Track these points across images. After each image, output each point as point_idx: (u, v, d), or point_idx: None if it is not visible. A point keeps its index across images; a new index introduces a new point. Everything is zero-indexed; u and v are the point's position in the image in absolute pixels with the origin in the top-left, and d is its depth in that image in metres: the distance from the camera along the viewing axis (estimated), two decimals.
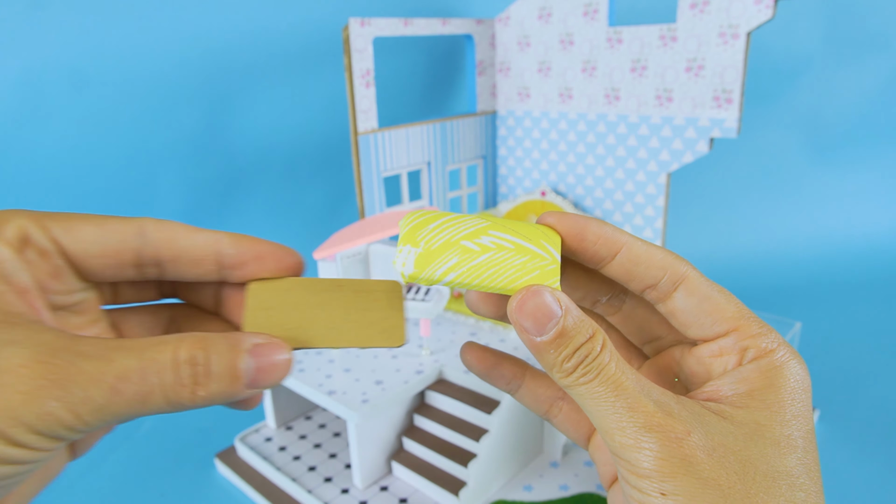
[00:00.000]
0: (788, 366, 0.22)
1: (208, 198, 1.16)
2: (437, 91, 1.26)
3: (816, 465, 0.21)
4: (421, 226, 0.23)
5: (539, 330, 0.21)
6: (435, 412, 0.75)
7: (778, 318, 0.85)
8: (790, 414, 0.21)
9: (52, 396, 0.17)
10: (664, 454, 0.19)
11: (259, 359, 0.21)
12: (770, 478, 0.20)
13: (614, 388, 0.20)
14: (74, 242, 0.21)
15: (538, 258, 0.23)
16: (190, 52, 1.06)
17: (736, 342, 0.23)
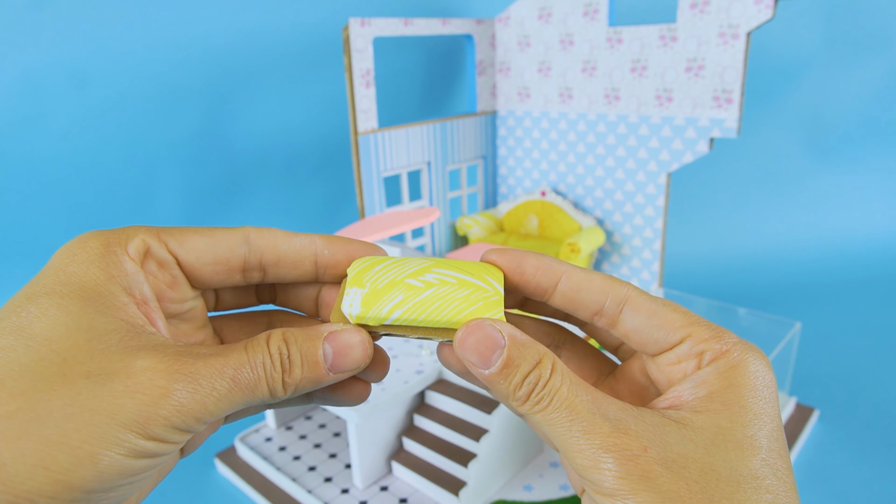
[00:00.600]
0: (746, 362, 0.22)
1: (208, 198, 1.16)
2: (437, 91, 1.26)
3: (785, 462, 0.21)
4: (367, 269, 0.24)
5: (485, 363, 0.22)
6: (435, 412, 0.75)
7: (778, 318, 0.86)
8: (752, 413, 0.21)
9: (185, 391, 0.19)
10: (623, 472, 0.20)
11: (335, 344, 0.23)
12: (733, 483, 0.20)
13: (568, 412, 0.21)
14: (188, 253, 0.24)
15: (481, 290, 0.23)
16: (190, 53, 1.06)
17: (691, 348, 0.23)
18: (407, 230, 0.87)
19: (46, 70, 1.01)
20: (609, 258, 0.99)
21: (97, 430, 0.18)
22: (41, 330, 0.20)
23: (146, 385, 0.19)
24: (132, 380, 0.19)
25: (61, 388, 0.19)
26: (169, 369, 0.20)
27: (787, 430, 0.80)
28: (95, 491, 0.19)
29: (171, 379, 0.19)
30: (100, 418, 0.18)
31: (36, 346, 0.19)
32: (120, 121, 1.06)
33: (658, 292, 0.95)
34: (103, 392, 0.19)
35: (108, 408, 0.19)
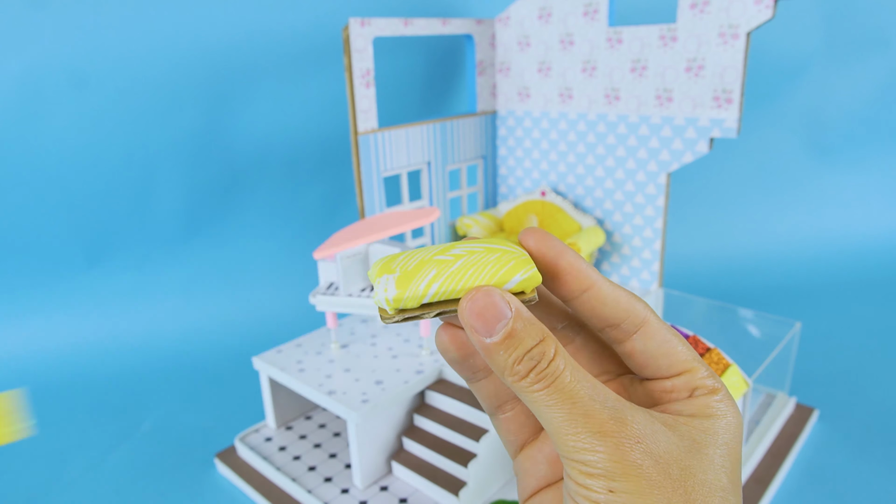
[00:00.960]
0: (728, 405, 0.24)
1: (208, 198, 1.16)
2: (437, 91, 1.26)
3: (739, 487, 0.23)
4: (391, 259, 0.24)
5: (488, 331, 0.22)
6: (435, 412, 0.75)
7: (778, 318, 0.86)
8: (722, 440, 0.23)
9: None
10: (616, 457, 0.21)
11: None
12: (707, 488, 0.22)
13: (569, 396, 0.21)
14: None
15: (509, 253, 0.23)
16: (190, 52, 1.06)
17: (687, 382, 0.24)
18: (407, 230, 0.87)
19: (46, 70, 1.01)
20: (609, 258, 0.99)
21: None
22: None
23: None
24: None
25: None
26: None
27: (787, 430, 0.80)
28: None
29: None
30: None
31: None
32: (120, 121, 1.06)
33: (658, 292, 0.95)
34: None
35: None
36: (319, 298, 0.76)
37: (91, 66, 1.02)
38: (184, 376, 1.03)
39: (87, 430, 0.90)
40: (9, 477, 0.81)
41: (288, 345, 0.84)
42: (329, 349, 0.82)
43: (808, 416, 0.83)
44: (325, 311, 0.78)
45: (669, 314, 0.97)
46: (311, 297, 0.77)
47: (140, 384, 1.02)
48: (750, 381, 0.65)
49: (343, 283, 0.76)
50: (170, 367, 1.06)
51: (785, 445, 0.77)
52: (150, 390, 1.00)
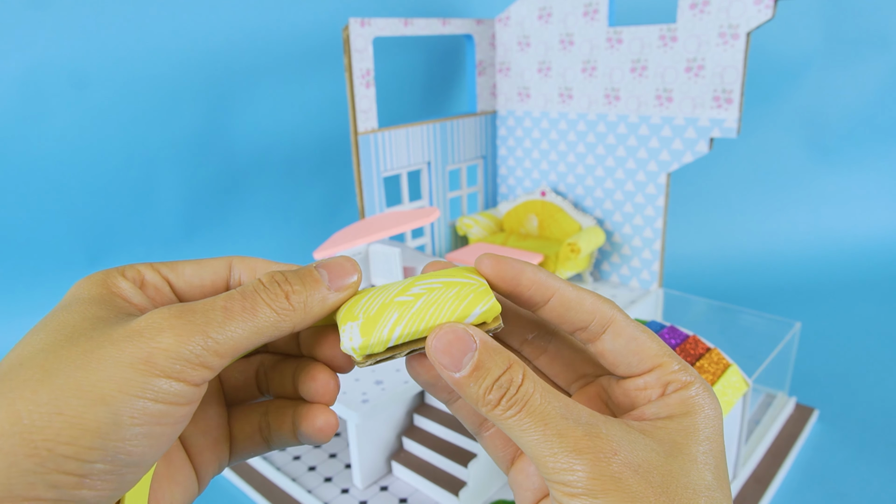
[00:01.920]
0: (703, 397, 0.24)
1: (208, 198, 1.16)
2: (437, 91, 1.26)
3: (728, 483, 0.23)
4: (354, 304, 0.25)
5: (456, 365, 0.22)
6: (435, 412, 0.75)
7: (778, 318, 0.86)
8: (703, 436, 0.23)
9: (182, 324, 0.21)
10: (595, 473, 0.21)
11: (327, 264, 0.25)
12: (691, 490, 0.22)
13: (542, 418, 0.21)
14: (178, 277, 0.26)
15: (467, 286, 0.24)
16: (190, 52, 1.06)
17: (659, 377, 0.25)
18: (407, 230, 0.87)
19: (46, 70, 1.01)
20: (609, 258, 0.99)
21: (105, 373, 0.20)
22: (56, 323, 0.22)
23: (144, 327, 0.21)
24: (131, 326, 0.21)
25: (70, 349, 0.20)
26: (164, 313, 0.21)
27: (787, 430, 0.80)
28: (112, 438, 0.19)
29: (167, 317, 0.21)
30: (106, 363, 0.20)
31: (52, 331, 0.21)
32: (120, 121, 1.06)
33: (658, 292, 0.95)
34: (106, 342, 0.20)
35: (113, 352, 0.20)
36: None
37: (91, 66, 1.02)
38: None
39: None
40: None
41: None
42: None
43: (808, 416, 0.83)
44: None
45: (669, 314, 0.97)
46: None
47: None
48: (750, 381, 0.65)
49: None
50: None
51: (785, 445, 0.77)
52: None
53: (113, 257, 1.15)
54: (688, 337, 0.65)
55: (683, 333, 0.66)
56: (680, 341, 0.64)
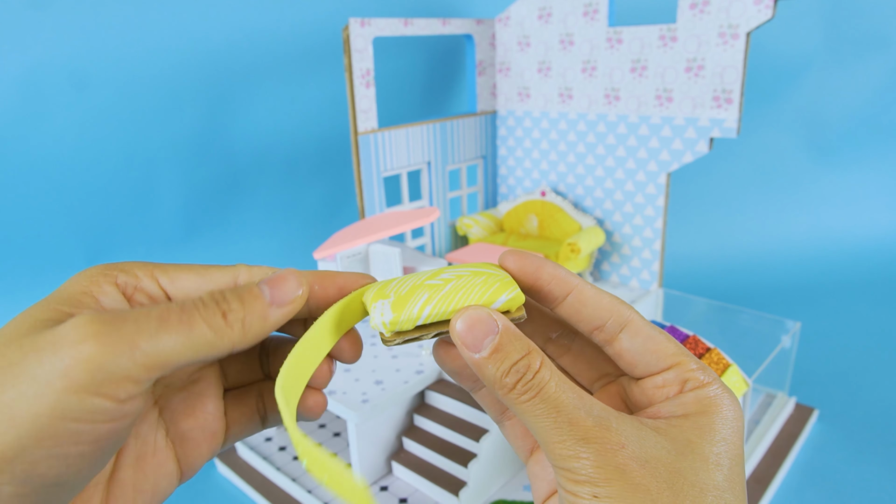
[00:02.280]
0: (722, 397, 0.24)
1: (208, 198, 1.16)
2: (437, 91, 1.26)
3: (742, 485, 0.23)
4: (385, 285, 0.26)
5: (477, 346, 0.23)
6: (435, 412, 0.75)
7: (778, 318, 0.86)
8: (720, 437, 0.23)
9: (106, 334, 0.19)
10: (600, 462, 0.21)
11: (269, 281, 0.24)
12: (698, 488, 0.22)
13: (554, 405, 0.22)
14: (178, 290, 0.25)
15: (494, 276, 0.25)
16: (190, 53, 1.06)
17: (677, 375, 0.25)
18: (407, 230, 0.87)
19: (46, 70, 1.01)
20: (609, 258, 0.99)
21: (17, 390, 0.19)
22: (11, 323, 0.21)
23: (66, 334, 0.19)
24: (55, 333, 0.19)
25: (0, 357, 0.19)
26: (91, 319, 0.20)
27: (787, 430, 0.80)
28: (18, 461, 0.18)
29: (92, 323, 0.19)
30: (22, 378, 0.19)
31: (2, 332, 0.20)
32: (120, 121, 1.06)
33: (658, 292, 0.95)
34: (31, 351, 0.19)
35: (32, 365, 0.19)
36: None
37: (91, 67, 1.02)
38: None
39: None
40: None
41: None
42: None
43: (808, 416, 0.83)
44: None
45: (669, 314, 0.97)
46: None
47: None
48: (750, 381, 0.65)
49: None
50: None
51: (785, 445, 0.77)
52: None
53: (113, 257, 1.15)
54: (688, 337, 0.65)
55: (683, 333, 0.66)
56: (680, 341, 0.64)
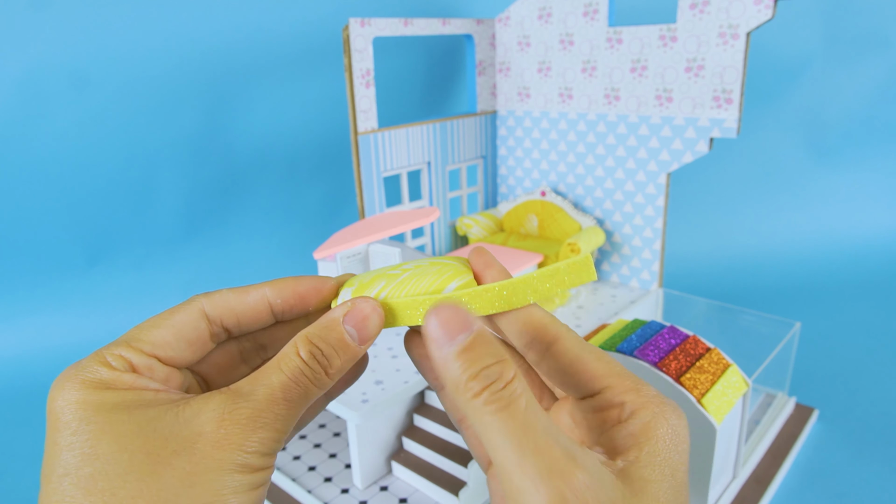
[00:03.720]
0: (665, 416, 0.23)
1: (208, 198, 1.16)
2: (437, 91, 1.26)
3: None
4: (353, 278, 0.29)
5: (448, 338, 0.21)
6: (435, 412, 0.75)
7: (778, 318, 0.85)
8: (671, 468, 0.22)
9: (255, 432, 0.23)
10: (558, 502, 0.19)
11: (353, 320, 0.25)
12: None
13: (522, 425, 0.20)
14: (163, 351, 0.26)
15: (449, 266, 0.27)
16: (190, 53, 1.06)
17: (612, 398, 0.24)
18: (407, 230, 0.87)
19: (46, 70, 1.01)
20: (609, 258, 0.99)
21: (211, 484, 0.22)
22: (103, 449, 0.22)
23: (223, 439, 0.22)
24: (207, 439, 0.22)
25: (161, 472, 0.21)
26: (233, 419, 0.22)
27: (787, 430, 0.80)
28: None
29: (239, 426, 0.22)
30: (206, 475, 0.21)
31: (109, 457, 0.22)
32: (120, 121, 1.06)
33: (658, 292, 0.95)
34: (195, 458, 0.22)
35: (209, 464, 0.21)
36: None
37: (91, 66, 1.02)
38: None
39: None
40: (9, 477, 0.81)
41: None
42: None
43: (808, 416, 0.83)
44: None
45: (669, 314, 0.97)
46: None
47: None
48: (750, 381, 0.65)
49: None
50: None
51: (785, 445, 0.77)
52: None
53: (113, 257, 1.15)
54: (688, 337, 0.65)
55: (683, 333, 0.66)
56: (680, 341, 0.64)
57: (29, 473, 0.82)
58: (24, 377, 1.05)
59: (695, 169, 1.34)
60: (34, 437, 0.90)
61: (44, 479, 0.22)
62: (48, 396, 0.23)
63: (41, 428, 0.92)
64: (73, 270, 1.13)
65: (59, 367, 1.06)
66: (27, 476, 0.81)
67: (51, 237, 1.11)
